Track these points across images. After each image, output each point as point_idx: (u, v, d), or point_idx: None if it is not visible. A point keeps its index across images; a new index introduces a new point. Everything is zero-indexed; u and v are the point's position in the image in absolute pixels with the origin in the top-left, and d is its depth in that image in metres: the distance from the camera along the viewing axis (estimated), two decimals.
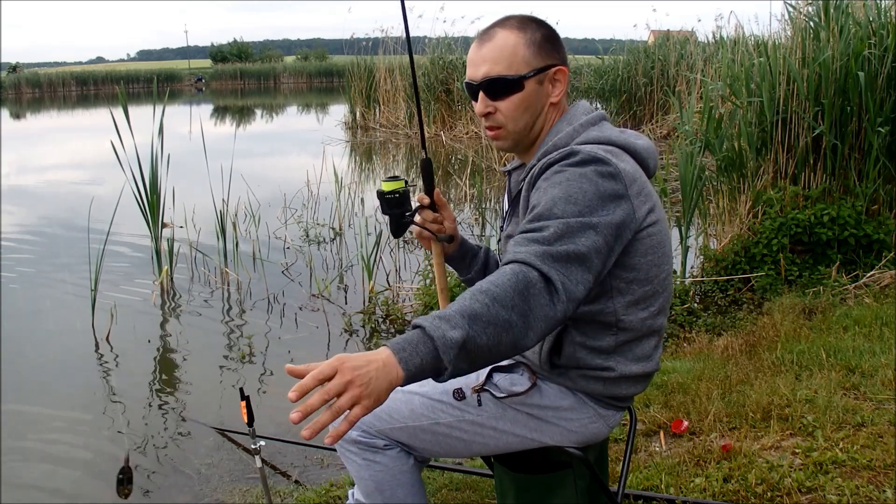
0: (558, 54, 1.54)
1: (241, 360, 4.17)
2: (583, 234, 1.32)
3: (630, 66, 13.79)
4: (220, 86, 44.43)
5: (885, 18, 4.80)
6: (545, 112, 1.55)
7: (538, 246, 1.28)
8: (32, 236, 7.14)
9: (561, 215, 1.33)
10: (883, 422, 2.61)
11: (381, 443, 1.63)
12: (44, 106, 31.01)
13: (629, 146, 1.51)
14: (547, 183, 1.41)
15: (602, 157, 1.41)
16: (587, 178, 1.38)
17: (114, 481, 2.95)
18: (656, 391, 3.09)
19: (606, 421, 1.64)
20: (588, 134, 1.51)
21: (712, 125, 5.21)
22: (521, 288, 1.22)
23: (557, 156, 1.45)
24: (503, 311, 1.19)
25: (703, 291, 4.82)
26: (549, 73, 1.53)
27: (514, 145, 1.59)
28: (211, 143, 6.15)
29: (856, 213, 4.56)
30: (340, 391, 1.09)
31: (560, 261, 1.27)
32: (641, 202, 1.44)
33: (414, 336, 1.15)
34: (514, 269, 1.24)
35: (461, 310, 1.17)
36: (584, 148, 1.44)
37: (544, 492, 1.73)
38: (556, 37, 1.55)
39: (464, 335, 1.15)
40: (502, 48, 1.50)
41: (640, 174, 1.49)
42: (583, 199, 1.35)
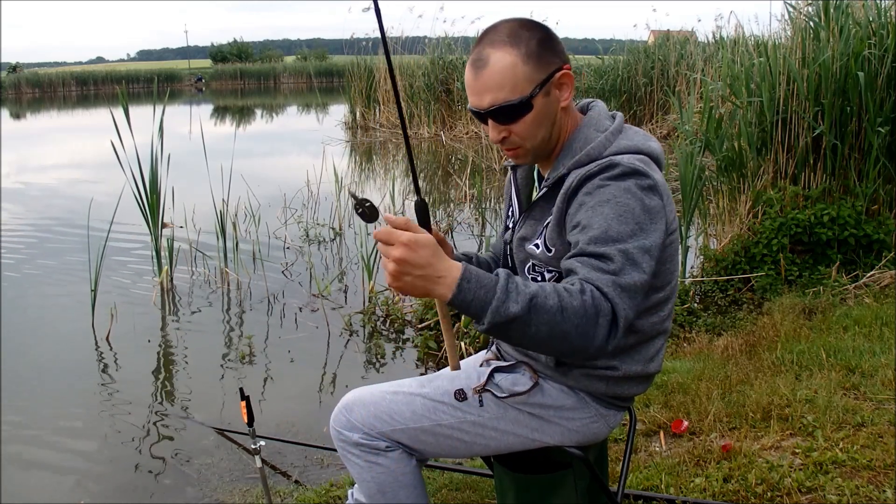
0: (557, 56, 1.47)
1: (241, 360, 4.17)
2: (643, 261, 1.35)
3: (630, 66, 13.79)
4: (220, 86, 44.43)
5: (885, 18, 4.80)
6: (559, 119, 1.51)
7: (608, 276, 1.30)
8: (32, 236, 7.14)
9: (618, 238, 1.34)
10: (883, 422, 2.61)
11: (382, 444, 1.63)
12: (44, 106, 31.00)
13: (652, 153, 1.51)
14: (592, 199, 1.39)
15: (641, 170, 1.41)
16: (631, 193, 1.38)
17: (113, 481, 2.95)
18: (656, 391, 3.09)
19: (607, 421, 1.64)
20: (619, 143, 1.49)
21: (712, 125, 5.21)
22: (593, 313, 1.25)
23: (596, 168, 1.42)
24: (565, 323, 1.24)
25: (703, 291, 4.82)
26: (553, 80, 1.46)
27: (534, 159, 1.57)
28: (211, 143, 6.15)
29: (856, 213, 4.56)
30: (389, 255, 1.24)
31: (628, 291, 1.31)
32: (670, 213, 1.47)
33: (486, 281, 1.24)
34: (593, 293, 1.27)
35: (534, 294, 1.23)
36: (623, 160, 1.42)
37: (544, 492, 1.73)
38: (551, 36, 1.48)
39: (518, 315, 1.22)
40: (501, 73, 1.42)
41: (666, 184, 1.50)
42: (633, 218, 1.36)
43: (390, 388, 1.68)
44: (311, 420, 3.39)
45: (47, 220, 7.83)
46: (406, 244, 1.23)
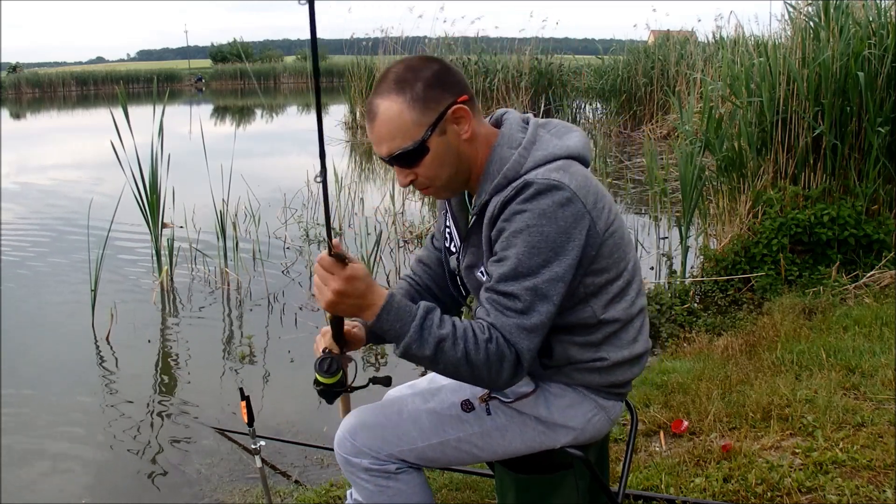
0: (449, 91, 1.47)
1: (241, 360, 4.17)
2: (553, 292, 1.42)
3: (630, 66, 13.80)
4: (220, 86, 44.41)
5: (885, 18, 4.80)
6: (464, 151, 1.50)
7: (514, 320, 1.41)
8: (32, 236, 7.14)
9: (528, 273, 1.41)
10: (883, 422, 2.61)
11: (392, 467, 1.62)
12: (44, 106, 31.00)
13: (570, 152, 1.51)
14: (509, 227, 1.43)
15: (556, 184, 1.42)
16: (546, 215, 1.41)
17: (113, 481, 2.96)
18: (656, 391, 3.09)
19: (608, 413, 1.65)
20: (534, 156, 1.49)
21: (712, 125, 5.21)
22: (496, 360, 1.40)
23: (512, 191, 1.44)
24: (469, 368, 1.40)
25: (703, 291, 4.82)
26: (446, 117, 1.46)
27: (451, 193, 1.60)
28: (211, 143, 6.14)
29: (856, 213, 4.56)
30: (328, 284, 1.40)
31: (533, 332, 1.41)
32: (599, 211, 1.48)
33: (405, 315, 1.41)
34: (498, 340, 1.40)
35: (442, 339, 1.39)
36: (537, 177, 1.43)
37: (545, 492, 1.73)
38: (442, 73, 1.47)
39: (425, 357, 1.41)
40: (390, 122, 1.45)
41: (590, 179, 1.50)
42: (546, 245, 1.41)
43: (394, 407, 1.66)
44: (311, 420, 3.39)
45: (47, 221, 7.83)
46: (345, 279, 1.39)
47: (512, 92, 13.42)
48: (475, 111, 1.51)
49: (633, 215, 7.30)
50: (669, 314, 4.34)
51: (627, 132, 13.52)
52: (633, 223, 6.73)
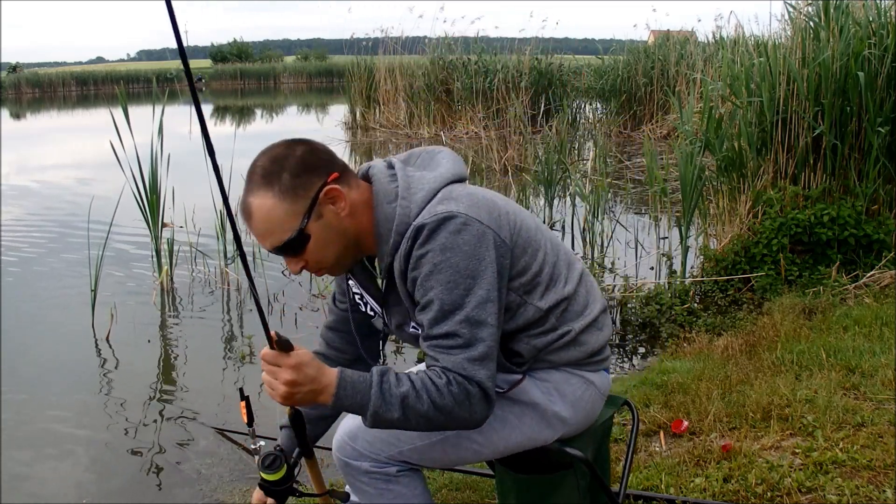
0: (317, 173, 1.45)
1: (241, 360, 4.17)
2: (487, 315, 1.43)
3: (630, 66, 13.78)
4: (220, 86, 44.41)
5: (885, 18, 4.80)
6: (348, 226, 1.49)
7: (462, 356, 1.41)
8: (32, 236, 7.14)
9: (454, 308, 1.42)
10: (883, 422, 2.61)
11: (393, 469, 1.63)
12: (44, 106, 30.99)
13: (446, 177, 1.52)
14: (420, 273, 1.44)
15: (445, 215, 1.43)
16: (448, 248, 1.41)
17: (113, 481, 2.95)
18: (656, 391, 3.09)
19: (598, 388, 1.68)
20: (414, 199, 1.48)
21: (712, 125, 5.20)
22: (463, 399, 1.41)
23: (409, 242, 1.45)
24: (442, 416, 1.41)
25: (703, 291, 4.82)
26: (319, 202, 1.45)
27: (345, 268, 1.59)
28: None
29: (856, 213, 4.56)
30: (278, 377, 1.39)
31: (484, 360, 1.43)
32: (497, 220, 1.49)
33: (361, 386, 1.40)
34: (457, 380, 1.41)
35: (405, 396, 1.39)
36: (425, 218, 1.43)
37: (545, 492, 1.73)
38: (307, 154, 1.46)
39: (396, 419, 1.41)
40: (265, 219, 1.44)
41: (475, 194, 1.51)
42: (460, 275, 1.41)
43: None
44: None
45: (47, 220, 7.83)
46: (293, 367, 1.38)
47: (512, 92, 13.40)
48: (349, 181, 1.49)
49: (633, 215, 7.30)
50: (669, 314, 4.34)
51: (627, 132, 13.51)
52: (633, 223, 6.74)
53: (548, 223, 6.93)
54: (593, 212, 6.07)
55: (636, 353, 4.15)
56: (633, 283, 4.73)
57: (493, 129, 12.57)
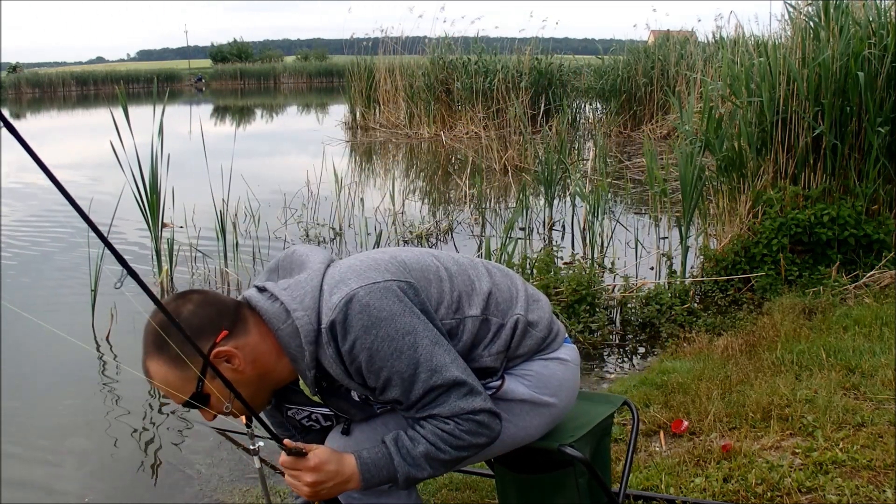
0: (205, 335, 1.42)
1: None
2: (444, 358, 1.46)
3: (630, 66, 13.78)
4: (220, 86, 44.42)
5: (885, 18, 4.80)
6: (252, 373, 1.46)
7: (450, 399, 1.46)
8: (32, 236, 7.14)
9: (415, 372, 1.43)
10: (883, 422, 2.61)
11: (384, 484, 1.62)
12: (44, 106, 30.99)
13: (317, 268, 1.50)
14: (362, 364, 1.43)
15: (345, 300, 1.42)
16: (370, 325, 1.41)
17: (113, 481, 2.95)
18: (656, 391, 3.09)
19: (572, 361, 1.72)
20: (304, 304, 1.45)
21: (712, 125, 5.20)
22: (475, 429, 1.48)
23: (329, 346, 1.43)
24: (465, 453, 1.49)
25: (703, 291, 4.82)
26: (210, 370, 1.41)
27: (266, 402, 1.56)
28: (211, 143, 6.15)
29: (856, 213, 4.56)
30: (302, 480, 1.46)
31: (472, 391, 1.47)
32: (389, 270, 1.49)
33: (382, 461, 1.47)
34: (461, 419, 1.46)
35: (426, 453, 1.46)
36: (330, 317, 1.42)
37: (545, 491, 1.73)
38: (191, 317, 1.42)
39: (428, 475, 1.50)
40: (164, 383, 1.43)
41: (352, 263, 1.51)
42: (396, 341, 1.42)
43: (381, 418, 1.64)
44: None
45: (47, 220, 7.82)
46: (313, 469, 1.45)
47: (512, 92, 13.40)
48: (243, 328, 1.46)
49: (633, 215, 7.30)
50: (669, 314, 4.34)
51: (627, 132, 13.51)
52: (633, 223, 6.74)
53: (548, 223, 6.93)
54: (593, 212, 6.07)
55: (636, 353, 4.15)
56: (633, 283, 4.73)
57: (493, 129, 12.57)
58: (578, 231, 6.69)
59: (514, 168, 9.57)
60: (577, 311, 4.25)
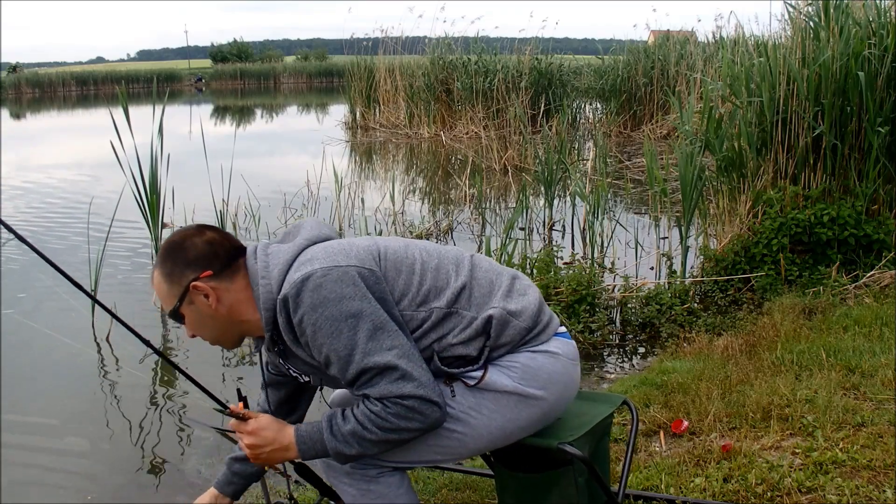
0: (193, 268, 1.61)
1: (240, 361, 4.17)
2: (382, 341, 1.51)
3: (630, 66, 13.78)
4: (220, 86, 44.42)
5: (885, 18, 4.80)
6: (223, 315, 1.64)
7: (381, 382, 1.50)
8: (32, 236, 7.12)
9: (350, 350, 1.51)
10: (883, 422, 2.61)
11: (373, 472, 1.64)
12: (44, 106, 30.99)
13: (302, 245, 1.62)
14: (308, 338, 1.54)
15: (299, 279, 1.53)
16: (317, 305, 1.51)
17: (113, 481, 2.95)
18: (656, 391, 3.09)
19: (566, 356, 1.71)
20: (272, 275, 1.59)
21: (712, 125, 5.21)
22: (405, 414, 1.51)
23: (283, 316, 1.56)
24: (394, 435, 1.53)
25: (703, 291, 4.82)
26: (189, 294, 1.62)
27: (232, 344, 1.73)
28: (211, 143, 6.15)
29: (856, 213, 4.56)
30: (244, 442, 1.67)
31: (405, 376, 1.50)
32: (357, 257, 1.58)
33: (315, 435, 1.58)
34: (389, 402, 1.50)
35: (354, 431, 1.53)
36: (286, 290, 1.54)
37: (544, 490, 1.73)
38: (196, 246, 1.62)
39: (354, 453, 1.56)
40: (157, 289, 1.67)
41: (330, 246, 1.61)
42: (339, 321, 1.50)
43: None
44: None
45: (47, 220, 7.82)
46: (251, 433, 1.64)
47: (512, 92, 13.40)
48: (230, 276, 1.63)
49: (633, 215, 7.30)
50: (669, 314, 4.34)
51: (627, 132, 13.51)
52: (633, 223, 6.74)
53: (548, 223, 6.93)
54: (593, 212, 6.07)
55: (636, 353, 4.15)
56: (633, 283, 4.73)
57: (493, 129, 12.57)
58: (578, 231, 6.69)
59: (514, 168, 9.57)
60: (577, 311, 4.25)
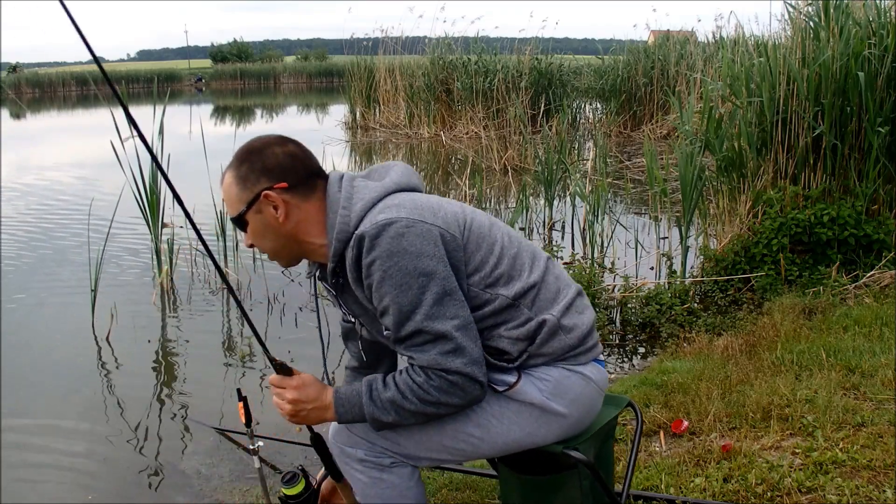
0: (268, 177, 1.58)
1: (240, 361, 4.17)
2: (448, 308, 1.49)
3: (630, 66, 13.78)
4: (220, 86, 44.41)
5: (885, 18, 4.80)
6: (289, 231, 1.61)
7: (432, 350, 1.48)
8: (32, 236, 7.14)
9: (413, 308, 1.48)
10: (883, 422, 2.61)
11: (387, 461, 1.63)
12: (44, 106, 30.99)
13: (390, 188, 1.59)
14: (373, 282, 1.51)
15: (385, 222, 1.50)
16: (394, 253, 1.48)
17: (113, 481, 2.95)
18: (656, 391, 3.09)
19: (597, 383, 1.69)
20: (354, 209, 1.56)
21: (712, 125, 5.21)
22: (448, 389, 1.49)
23: (354, 251, 1.52)
24: (431, 408, 1.51)
25: (703, 291, 4.82)
26: (259, 201, 1.59)
27: (288, 262, 1.70)
28: (211, 143, 6.14)
29: (856, 213, 4.56)
30: (284, 398, 1.60)
31: (457, 350, 1.48)
32: (444, 219, 1.54)
33: (354, 399, 1.54)
34: (438, 375, 1.48)
35: (393, 399, 1.51)
36: (366, 227, 1.51)
37: (549, 492, 1.73)
38: (276, 156, 1.59)
39: (391, 421, 1.54)
40: (226, 191, 1.63)
41: (418, 198, 1.58)
42: (410, 276, 1.47)
43: None
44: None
45: (47, 220, 7.82)
46: (296, 387, 1.57)
47: (512, 92, 13.40)
48: (304, 194, 1.60)
49: (633, 215, 7.30)
50: (669, 314, 4.34)
51: (627, 132, 13.51)
52: (633, 223, 6.74)
53: (548, 223, 6.93)
54: (593, 212, 6.07)
55: (636, 353, 4.15)
56: (633, 283, 4.73)
57: (493, 129, 12.57)
58: (578, 231, 6.69)
59: (514, 168, 9.57)
60: None
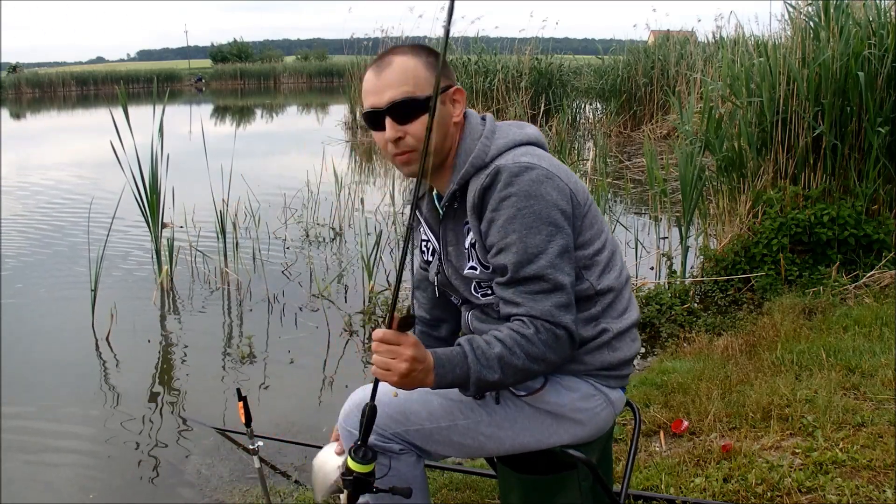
0: (450, 77, 1.61)
1: (241, 360, 4.17)
2: (566, 264, 1.49)
3: (630, 66, 13.79)
4: (220, 86, 44.41)
5: (885, 18, 4.80)
6: (450, 132, 1.58)
7: (548, 303, 1.46)
8: (32, 236, 7.14)
9: (538, 252, 1.46)
10: (883, 422, 2.61)
11: (396, 447, 1.62)
12: (44, 106, 30.99)
13: (530, 139, 1.60)
14: (499, 216, 1.48)
15: (527, 164, 1.50)
16: (531, 195, 1.47)
17: (113, 481, 2.95)
18: (656, 391, 3.09)
19: (615, 407, 1.68)
20: (496, 144, 1.56)
21: (712, 125, 5.21)
22: (553, 343, 1.46)
23: (488, 180, 1.50)
24: (537, 364, 1.46)
25: (703, 291, 4.82)
26: (448, 92, 1.57)
27: (416, 170, 1.57)
28: (211, 143, 6.14)
29: (856, 213, 4.56)
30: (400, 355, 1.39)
31: (569, 305, 1.48)
32: (575, 184, 1.56)
33: (457, 360, 1.44)
34: (546, 327, 1.46)
35: (500, 356, 1.44)
36: (507, 163, 1.50)
37: (548, 492, 1.73)
38: (445, 62, 1.55)
39: (497, 381, 1.45)
40: (404, 71, 1.53)
41: (555, 160, 1.59)
42: (542, 221, 1.47)
43: None
44: (310, 420, 3.39)
45: (47, 220, 7.82)
46: (415, 345, 1.40)
47: (512, 92, 13.40)
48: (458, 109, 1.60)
49: (633, 215, 7.30)
50: (669, 314, 4.34)
51: (627, 132, 13.51)
52: (633, 223, 6.73)
53: None
54: None
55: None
56: (633, 283, 4.73)
57: None
58: None
59: None
60: None
